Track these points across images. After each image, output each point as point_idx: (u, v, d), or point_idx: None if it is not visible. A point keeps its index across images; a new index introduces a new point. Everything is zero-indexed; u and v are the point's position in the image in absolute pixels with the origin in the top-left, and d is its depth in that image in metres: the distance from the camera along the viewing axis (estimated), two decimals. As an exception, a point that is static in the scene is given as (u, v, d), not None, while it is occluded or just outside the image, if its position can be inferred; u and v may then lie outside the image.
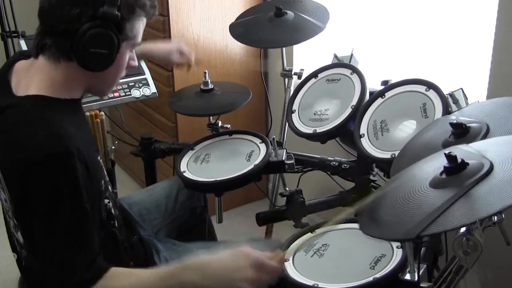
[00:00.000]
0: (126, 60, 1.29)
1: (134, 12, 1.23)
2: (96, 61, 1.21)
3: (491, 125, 1.25)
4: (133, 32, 1.25)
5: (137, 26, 1.26)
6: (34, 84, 1.22)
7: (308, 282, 1.22)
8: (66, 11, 1.17)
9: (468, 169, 1.02)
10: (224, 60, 2.65)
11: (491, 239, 1.25)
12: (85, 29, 1.17)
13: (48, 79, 1.22)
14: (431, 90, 1.55)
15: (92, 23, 1.17)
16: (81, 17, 1.17)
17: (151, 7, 1.27)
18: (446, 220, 0.94)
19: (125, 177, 3.24)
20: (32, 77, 1.23)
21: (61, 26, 1.18)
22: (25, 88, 1.22)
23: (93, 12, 1.17)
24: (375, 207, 1.13)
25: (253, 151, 1.67)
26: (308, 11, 1.98)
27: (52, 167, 1.12)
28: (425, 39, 2.10)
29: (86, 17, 1.17)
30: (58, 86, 1.22)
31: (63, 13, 1.17)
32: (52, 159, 1.12)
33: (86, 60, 1.20)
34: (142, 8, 1.25)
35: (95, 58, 1.20)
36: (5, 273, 2.50)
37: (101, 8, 1.17)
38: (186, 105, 1.91)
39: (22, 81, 1.25)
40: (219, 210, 1.72)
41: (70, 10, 1.17)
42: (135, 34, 1.26)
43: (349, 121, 1.66)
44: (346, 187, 1.85)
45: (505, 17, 1.69)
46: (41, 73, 1.23)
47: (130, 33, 1.24)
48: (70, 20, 1.17)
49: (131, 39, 1.26)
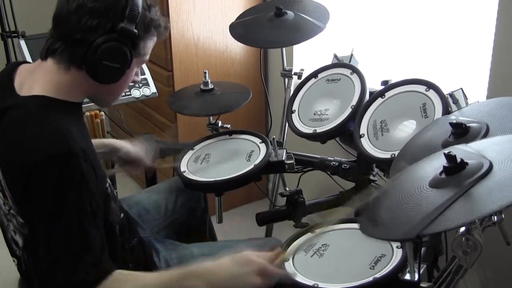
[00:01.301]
0: (133, 76, 1.32)
1: (149, 32, 1.26)
2: (107, 74, 1.22)
3: (491, 125, 1.25)
4: (144, 50, 1.28)
5: (148, 45, 1.28)
6: (39, 85, 1.22)
7: (308, 282, 1.22)
8: (84, 21, 1.18)
9: (468, 168, 1.02)
10: (224, 60, 2.65)
11: (491, 239, 1.25)
12: (101, 42, 1.18)
13: (54, 81, 1.22)
14: (431, 90, 1.55)
15: (109, 36, 1.18)
16: (98, 29, 1.18)
17: (165, 28, 1.31)
18: (445, 220, 0.94)
19: (125, 178, 3.24)
20: (38, 78, 1.23)
21: (76, 35, 1.19)
22: (29, 88, 1.22)
23: (111, 26, 1.18)
24: (375, 208, 1.13)
25: (253, 151, 1.67)
26: (308, 11, 1.98)
27: (55, 167, 1.12)
28: (425, 39, 2.10)
29: (103, 30, 1.18)
30: (62, 89, 1.23)
31: (81, 22, 1.18)
32: (55, 159, 1.12)
33: (97, 71, 1.21)
34: (157, 28, 1.28)
35: (106, 71, 1.21)
36: (5, 273, 2.50)
37: (121, 24, 1.19)
38: (186, 105, 1.91)
39: (26, 82, 1.25)
40: (219, 210, 1.72)
41: (88, 21, 1.17)
42: (146, 52, 1.29)
43: (349, 121, 1.66)
44: (346, 187, 1.85)
45: (505, 17, 1.69)
46: (47, 75, 1.23)
47: (142, 50, 1.27)
48: (87, 30, 1.18)
49: (142, 56, 1.29)
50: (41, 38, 2.05)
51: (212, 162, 1.68)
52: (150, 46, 1.30)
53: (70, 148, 1.13)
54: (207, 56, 2.60)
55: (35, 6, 1.20)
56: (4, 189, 1.23)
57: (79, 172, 1.14)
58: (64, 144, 1.13)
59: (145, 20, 1.23)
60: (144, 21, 1.23)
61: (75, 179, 1.14)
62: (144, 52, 1.28)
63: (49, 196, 1.12)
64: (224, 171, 1.60)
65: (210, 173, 1.62)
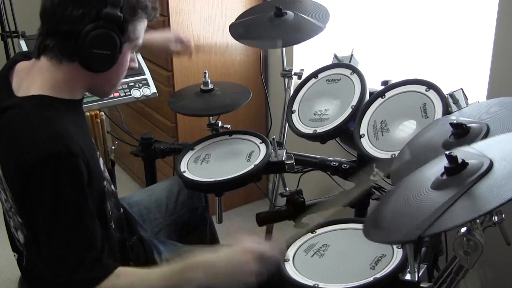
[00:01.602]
0: (128, 62, 1.30)
1: (136, 14, 1.24)
2: (99, 62, 1.21)
3: (491, 125, 1.25)
4: (135, 34, 1.26)
5: (139, 28, 1.26)
6: (36, 85, 1.22)
7: (308, 282, 1.22)
8: (69, 12, 1.17)
9: (468, 168, 1.02)
10: (224, 60, 2.65)
11: (491, 239, 1.25)
12: (88, 30, 1.17)
13: (50, 80, 1.22)
14: (431, 90, 1.55)
15: (95, 24, 1.17)
16: (84, 18, 1.17)
17: (153, 9, 1.28)
18: (447, 219, 0.94)
19: (125, 177, 3.24)
20: (34, 78, 1.23)
21: (63, 27, 1.18)
22: (27, 88, 1.22)
23: (96, 13, 1.17)
24: (378, 213, 1.14)
25: (253, 151, 1.67)
26: (308, 11, 1.98)
27: (53, 166, 1.12)
28: (425, 39, 2.10)
29: (88, 18, 1.17)
30: (60, 87, 1.23)
31: (66, 14, 1.17)
32: (53, 158, 1.12)
33: (89, 61, 1.20)
34: (144, 9, 1.25)
35: (97, 59, 1.20)
36: (5, 273, 2.50)
37: (104, 9, 1.17)
38: (186, 105, 1.91)
39: (23, 82, 1.25)
40: (219, 210, 1.72)
41: (73, 11, 1.17)
42: (137, 36, 1.27)
43: (349, 121, 1.66)
44: (346, 187, 1.85)
45: (505, 17, 1.69)
46: (43, 73, 1.23)
47: (132, 34, 1.25)
48: (73, 21, 1.17)
49: (133, 41, 1.26)
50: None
51: (212, 162, 1.68)
52: (141, 29, 1.28)
53: (67, 148, 1.13)
54: (207, 56, 2.59)
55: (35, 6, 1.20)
56: (5, 189, 1.23)
57: (77, 171, 1.14)
58: (61, 143, 1.13)
59: (130, 2, 1.21)
60: (130, 4, 1.21)
61: (73, 178, 1.14)
62: (135, 36, 1.26)
63: (47, 196, 1.12)
64: (224, 171, 1.60)
65: (210, 173, 1.62)
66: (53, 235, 1.13)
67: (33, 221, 1.17)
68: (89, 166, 1.18)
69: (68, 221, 1.13)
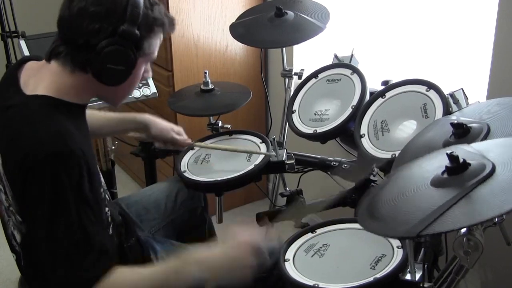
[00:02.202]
0: (141, 74, 1.31)
1: (152, 31, 1.25)
2: (112, 76, 1.22)
3: (492, 125, 1.25)
4: (150, 49, 1.27)
5: (154, 43, 1.27)
6: (43, 84, 1.22)
7: (308, 282, 1.22)
8: (86, 25, 1.17)
9: (470, 169, 1.01)
10: (224, 60, 2.65)
11: (491, 239, 1.25)
12: (103, 46, 1.18)
13: (58, 82, 1.22)
14: (432, 90, 1.55)
15: (111, 40, 1.18)
16: (100, 33, 1.18)
17: (170, 24, 1.29)
18: (447, 221, 0.94)
19: (125, 177, 3.24)
20: (43, 78, 1.23)
21: (78, 39, 1.19)
22: (34, 87, 1.23)
23: (113, 29, 1.18)
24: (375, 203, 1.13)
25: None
26: (308, 11, 1.98)
27: (53, 165, 1.12)
28: (425, 39, 2.10)
29: (105, 33, 1.18)
30: (66, 90, 1.23)
31: (82, 26, 1.18)
32: (53, 157, 1.12)
33: (102, 74, 1.21)
34: (161, 26, 1.26)
35: (111, 73, 1.21)
36: (5, 273, 2.50)
37: (122, 26, 1.18)
38: (186, 105, 1.91)
39: (31, 80, 1.25)
40: (219, 210, 1.72)
41: (90, 25, 1.17)
42: (152, 50, 1.28)
43: (350, 121, 1.66)
44: (346, 187, 1.84)
45: (505, 17, 1.69)
46: (52, 75, 1.23)
47: (147, 50, 1.26)
48: (89, 35, 1.18)
49: (148, 55, 1.28)
50: (41, 38, 2.06)
51: (212, 162, 1.68)
52: (157, 44, 1.29)
53: (68, 148, 1.13)
54: (207, 56, 2.59)
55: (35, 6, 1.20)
56: (6, 186, 1.23)
57: (76, 170, 1.14)
58: (62, 143, 1.13)
59: (147, 20, 1.22)
60: (147, 21, 1.22)
61: (73, 177, 1.14)
62: (150, 50, 1.27)
63: (47, 194, 1.12)
64: (224, 171, 1.60)
65: (210, 173, 1.62)
66: (52, 233, 1.13)
67: (32, 219, 1.17)
68: (89, 169, 1.18)
69: (67, 219, 1.13)
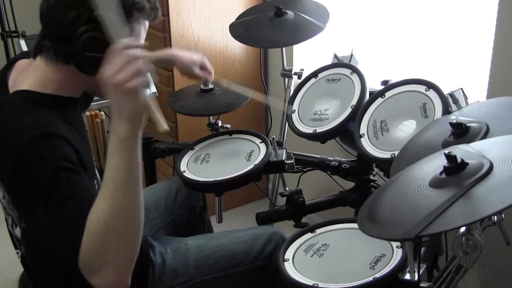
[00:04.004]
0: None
1: (131, 15, 1.22)
2: (93, 65, 1.19)
3: (491, 125, 1.25)
4: (132, 35, 1.24)
5: (137, 29, 1.25)
6: (28, 81, 1.22)
7: (308, 282, 1.22)
8: (63, 15, 1.17)
9: (468, 169, 1.01)
10: (224, 60, 2.65)
11: (491, 239, 1.25)
12: (80, 33, 1.16)
13: (42, 78, 1.22)
14: (431, 90, 1.55)
15: (87, 27, 1.16)
16: (77, 21, 1.17)
17: (152, 9, 1.26)
18: (445, 220, 0.94)
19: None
20: (28, 75, 1.24)
21: (58, 30, 1.18)
22: (19, 85, 1.23)
23: (88, 15, 1.16)
24: (374, 206, 1.13)
25: (253, 151, 1.67)
26: (308, 11, 1.98)
27: (37, 149, 1.11)
28: (425, 39, 2.10)
29: (81, 21, 1.17)
30: (51, 84, 1.23)
31: (60, 17, 1.17)
32: (35, 142, 1.11)
33: (83, 64, 1.19)
34: (141, 11, 1.23)
35: (91, 62, 1.18)
36: (5, 273, 2.50)
37: (96, 12, 1.17)
38: (186, 105, 1.91)
39: (18, 79, 1.26)
40: (219, 210, 1.72)
41: (66, 14, 1.17)
42: (136, 37, 1.25)
43: (349, 121, 1.66)
44: (346, 187, 1.85)
45: (505, 17, 1.69)
46: (36, 72, 1.23)
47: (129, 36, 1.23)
48: (66, 24, 1.17)
49: None
50: (41, 38, 2.06)
51: (212, 162, 1.68)
52: (141, 30, 1.26)
53: (47, 130, 1.12)
54: (207, 56, 2.57)
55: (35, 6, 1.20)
56: (1, 185, 1.24)
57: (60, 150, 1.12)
58: (41, 128, 1.13)
59: (125, 4, 1.20)
60: (125, 5, 1.19)
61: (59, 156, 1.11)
62: (133, 37, 1.23)
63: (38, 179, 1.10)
64: (224, 171, 1.60)
65: (210, 173, 1.62)
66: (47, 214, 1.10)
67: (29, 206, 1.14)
68: (78, 153, 1.16)
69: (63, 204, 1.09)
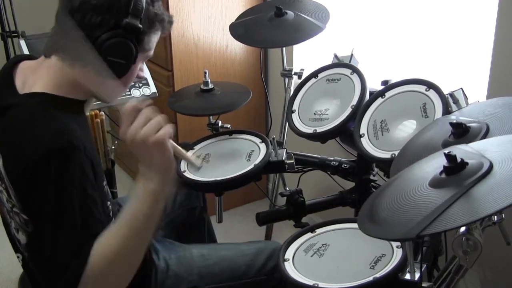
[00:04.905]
0: (137, 71, 1.32)
1: (153, 26, 1.26)
2: (113, 69, 1.22)
3: (491, 125, 1.25)
4: (149, 45, 1.28)
5: (153, 39, 1.29)
6: (41, 82, 1.22)
7: (308, 282, 1.22)
8: (88, 18, 1.18)
9: (468, 168, 1.01)
10: (224, 60, 2.65)
11: (491, 239, 1.25)
12: (106, 38, 1.19)
13: (57, 78, 1.22)
14: (431, 90, 1.55)
15: (114, 33, 1.19)
16: (103, 26, 1.18)
17: (169, 22, 1.31)
18: (445, 220, 0.94)
19: (125, 177, 3.24)
20: (41, 76, 1.23)
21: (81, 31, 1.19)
22: (31, 86, 1.22)
23: (115, 22, 1.19)
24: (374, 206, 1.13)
25: (253, 151, 1.67)
26: (308, 11, 1.98)
27: (57, 161, 1.11)
28: (425, 39, 2.10)
29: (107, 26, 1.19)
30: (65, 86, 1.23)
31: (84, 19, 1.18)
32: (56, 153, 1.11)
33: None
34: (161, 23, 1.28)
35: (112, 67, 1.21)
36: (5, 273, 2.50)
37: (125, 19, 1.19)
38: (186, 105, 1.91)
39: (28, 80, 1.25)
40: (219, 210, 1.72)
41: (92, 17, 1.18)
42: (151, 47, 1.29)
43: (349, 121, 1.66)
44: (346, 187, 1.85)
45: (505, 17, 1.69)
46: (51, 72, 1.23)
47: (146, 45, 1.27)
48: (90, 27, 1.18)
49: (146, 51, 1.29)
50: (41, 38, 2.06)
51: (212, 162, 1.68)
52: (155, 41, 1.30)
53: (70, 143, 1.13)
54: (207, 56, 2.60)
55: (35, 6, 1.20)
56: (8, 187, 1.23)
57: (80, 166, 1.14)
58: (64, 139, 1.13)
59: (149, 14, 1.24)
60: (148, 16, 1.24)
61: (76, 172, 1.13)
62: (149, 47, 1.28)
63: (51, 191, 1.11)
64: (224, 171, 1.60)
65: (210, 173, 1.62)
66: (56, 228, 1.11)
67: (38, 216, 1.15)
68: (93, 163, 1.18)
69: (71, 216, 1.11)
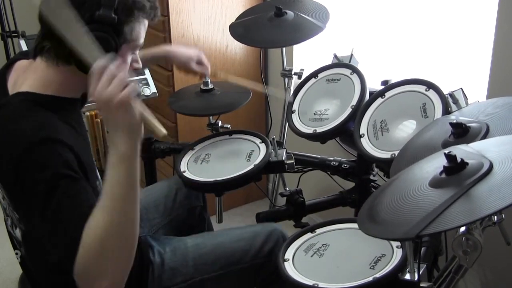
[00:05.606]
0: (128, 63, 1.28)
1: (132, 15, 1.22)
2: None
3: (491, 125, 1.25)
4: (133, 35, 1.24)
5: (137, 29, 1.25)
6: (28, 82, 1.22)
7: (308, 282, 1.22)
8: (64, 15, 1.16)
9: (468, 168, 1.01)
10: (224, 60, 2.65)
11: (491, 239, 1.25)
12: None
13: (42, 79, 1.22)
14: (431, 90, 1.55)
15: (88, 27, 1.16)
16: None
17: (151, 8, 1.26)
18: (445, 220, 0.94)
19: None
20: (27, 77, 1.24)
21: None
22: (19, 86, 1.23)
23: (90, 15, 1.17)
24: (375, 206, 1.13)
25: (253, 151, 1.67)
26: (308, 11, 1.98)
27: (38, 153, 1.11)
28: (425, 39, 2.10)
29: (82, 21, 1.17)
30: (51, 84, 1.22)
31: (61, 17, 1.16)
32: (36, 145, 1.11)
33: (84, 63, 1.19)
34: (141, 10, 1.23)
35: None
36: (5, 273, 2.50)
37: (97, 12, 1.17)
38: (186, 105, 1.91)
39: (19, 80, 1.26)
40: (219, 210, 1.72)
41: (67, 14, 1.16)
42: (136, 37, 1.25)
43: (349, 121, 1.66)
44: (346, 187, 1.85)
45: (505, 17, 1.69)
46: (36, 73, 1.23)
47: (129, 36, 1.23)
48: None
49: (132, 42, 1.25)
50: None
51: (212, 162, 1.68)
52: (140, 29, 1.26)
53: (49, 135, 1.12)
54: (207, 56, 2.56)
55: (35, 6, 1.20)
56: (1, 187, 1.24)
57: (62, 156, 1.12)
58: (43, 132, 1.13)
59: (125, 3, 1.20)
60: (125, 5, 1.20)
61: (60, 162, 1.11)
62: (133, 37, 1.24)
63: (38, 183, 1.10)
64: (224, 171, 1.60)
65: (210, 173, 1.62)
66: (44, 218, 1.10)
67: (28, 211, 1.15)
68: (80, 159, 1.16)
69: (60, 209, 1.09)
